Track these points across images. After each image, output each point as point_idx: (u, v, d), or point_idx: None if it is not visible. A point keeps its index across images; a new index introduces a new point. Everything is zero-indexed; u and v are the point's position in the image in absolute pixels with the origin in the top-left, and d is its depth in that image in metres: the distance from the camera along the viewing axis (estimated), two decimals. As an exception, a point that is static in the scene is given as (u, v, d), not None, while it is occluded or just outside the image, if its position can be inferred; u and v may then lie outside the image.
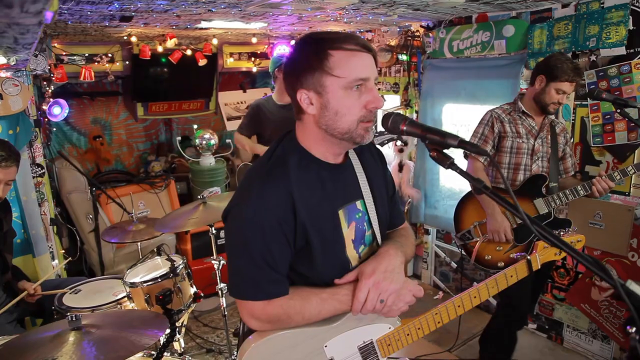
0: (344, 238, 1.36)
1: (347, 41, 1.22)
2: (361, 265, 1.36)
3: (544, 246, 1.71)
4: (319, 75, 1.22)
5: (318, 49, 1.23)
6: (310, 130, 1.31)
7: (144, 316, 2.09)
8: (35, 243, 3.22)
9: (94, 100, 4.89)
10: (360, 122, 1.25)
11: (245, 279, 1.27)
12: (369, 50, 1.24)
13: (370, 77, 1.24)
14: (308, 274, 1.33)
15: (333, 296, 1.32)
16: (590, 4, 2.93)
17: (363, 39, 1.28)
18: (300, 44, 1.29)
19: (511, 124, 2.68)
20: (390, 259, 1.36)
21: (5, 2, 0.81)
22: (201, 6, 2.83)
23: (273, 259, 1.24)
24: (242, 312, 1.31)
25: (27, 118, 3.15)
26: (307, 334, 1.35)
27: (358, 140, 1.27)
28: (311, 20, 3.68)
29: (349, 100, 1.23)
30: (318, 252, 1.29)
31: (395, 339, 1.47)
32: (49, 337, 1.84)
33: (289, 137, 1.36)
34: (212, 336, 3.66)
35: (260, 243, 1.22)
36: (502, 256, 2.60)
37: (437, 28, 3.84)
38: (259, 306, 1.27)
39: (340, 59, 1.22)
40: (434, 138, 1.21)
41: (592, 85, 2.99)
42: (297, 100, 1.28)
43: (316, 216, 1.27)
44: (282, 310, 1.27)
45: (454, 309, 1.52)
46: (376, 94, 1.25)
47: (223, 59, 5.00)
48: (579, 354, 3.27)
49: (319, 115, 1.26)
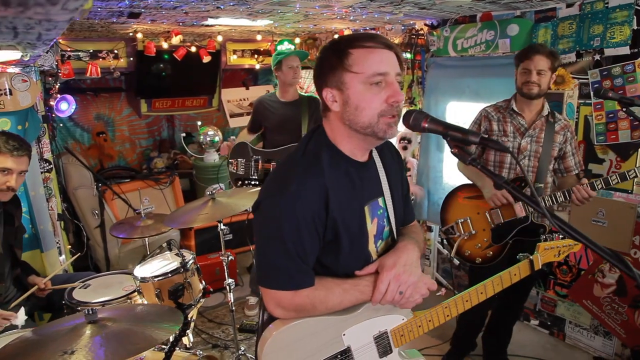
0: (368, 233, 1.41)
1: (366, 40, 1.28)
2: (381, 258, 1.42)
3: (545, 247, 1.79)
4: (339, 73, 1.29)
5: (339, 49, 1.29)
6: (336, 127, 1.37)
7: (158, 310, 2.12)
8: (43, 238, 3.24)
9: (98, 96, 4.90)
10: (381, 117, 1.29)
11: (276, 269, 1.31)
12: (389, 48, 1.29)
13: (389, 72, 1.28)
14: (332, 266, 1.38)
15: (355, 287, 1.38)
16: (595, 3, 2.96)
17: (384, 37, 1.32)
18: (325, 47, 1.36)
19: (500, 122, 2.72)
20: (409, 253, 1.42)
21: None
22: (210, 3, 2.85)
23: (304, 251, 1.29)
24: (268, 301, 1.35)
25: (35, 114, 3.17)
26: (327, 323, 1.39)
27: (381, 135, 1.31)
28: (317, 18, 3.70)
29: (369, 95, 1.27)
30: (345, 246, 1.34)
31: (407, 330, 1.52)
32: (65, 329, 1.86)
33: (318, 133, 1.41)
34: (218, 332, 3.69)
35: (294, 235, 1.26)
36: (480, 252, 2.72)
37: (441, 26, 3.87)
38: (286, 296, 1.31)
39: (359, 56, 1.27)
40: (456, 135, 1.25)
41: (596, 84, 3.03)
42: (322, 98, 1.35)
43: (346, 211, 1.32)
44: (308, 300, 1.32)
45: (462, 303, 1.59)
46: (396, 88, 1.29)
47: (226, 55, 5.02)
48: (580, 349, 3.32)
49: (342, 111, 1.31)
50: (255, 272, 3.98)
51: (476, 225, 2.70)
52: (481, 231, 2.68)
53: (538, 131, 2.68)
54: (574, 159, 2.75)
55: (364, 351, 1.46)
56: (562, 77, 3.16)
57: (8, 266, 2.57)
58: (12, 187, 2.40)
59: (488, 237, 2.66)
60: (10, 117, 3.04)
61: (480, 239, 2.69)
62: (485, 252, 2.68)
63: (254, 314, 3.92)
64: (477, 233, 2.70)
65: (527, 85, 2.57)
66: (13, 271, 2.64)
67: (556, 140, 2.68)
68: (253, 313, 3.92)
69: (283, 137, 3.60)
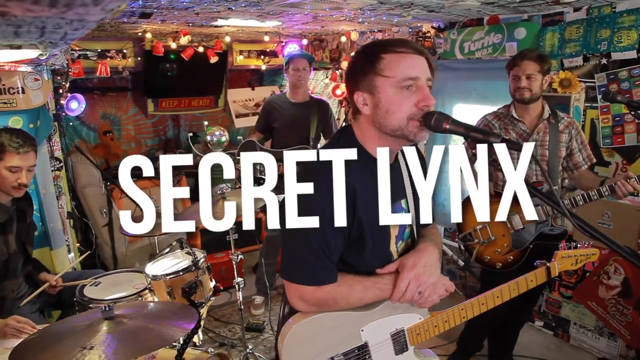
0: (390, 233, 1.45)
1: (398, 45, 1.32)
2: (402, 258, 1.45)
3: (563, 256, 1.82)
4: (371, 77, 1.32)
5: (371, 54, 1.33)
6: (366, 129, 1.40)
7: (172, 308, 2.14)
8: (53, 236, 3.26)
9: (105, 95, 4.92)
10: (410, 120, 1.32)
11: (302, 264, 1.34)
12: (420, 53, 1.32)
13: (420, 77, 1.31)
14: (355, 264, 1.42)
15: (375, 284, 1.41)
16: (602, 8, 3.00)
17: (415, 42, 1.36)
18: (358, 52, 1.40)
19: (501, 130, 2.75)
20: (429, 254, 1.46)
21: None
22: (222, 4, 2.88)
23: (329, 249, 1.33)
24: (292, 295, 1.39)
25: (47, 112, 3.19)
26: (346, 318, 1.42)
27: (411, 137, 1.34)
28: (325, 19, 3.73)
29: (399, 99, 1.30)
30: (369, 245, 1.38)
31: (424, 329, 1.55)
32: (82, 325, 1.88)
33: (347, 133, 1.45)
34: (224, 330, 3.71)
35: (321, 233, 1.29)
36: (500, 258, 2.72)
37: (448, 29, 3.90)
38: (310, 290, 1.35)
39: (391, 61, 1.30)
40: (477, 136, 1.28)
41: (603, 87, 3.06)
42: (354, 101, 1.38)
43: (371, 211, 1.35)
44: (330, 296, 1.36)
45: (479, 306, 1.62)
46: (426, 93, 1.31)
47: (233, 56, 5.04)
48: (585, 351, 3.35)
49: (372, 114, 1.35)
50: (260, 272, 4.01)
51: (495, 231, 2.69)
52: (500, 237, 2.68)
53: (542, 135, 2.70)
54: (582, 155, 2.76)
55: (380, 347, 1.49)
56: (568, 81, 3.20)
57: (20, 263, 2.59)
58: (24, 184, 2.41)
59: (508, 242, 2.66)
60: (22, 116, 3.06)
61: (500, 244, 2.69)
62: (505, 257, 2.68)
63: (260, 313, 3.94)
64: (497, 239, 2.70)
65: (519, 91, 2.63)
66: (25, 268, 2.66)
67: (562, 140, 2.71)
68: (259, 312, 3.95)
69: (291, 138, 3.63)
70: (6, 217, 2.43)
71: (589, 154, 2.78)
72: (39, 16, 1.12)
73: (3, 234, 2.41)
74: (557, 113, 2.75)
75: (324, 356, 1.41)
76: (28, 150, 2.38)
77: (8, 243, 2.43)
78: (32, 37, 1.51)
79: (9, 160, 2.33)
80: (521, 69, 2.60)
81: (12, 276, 2.48)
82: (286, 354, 1.39)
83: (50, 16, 0.98)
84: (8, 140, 2.33)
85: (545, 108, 2.72)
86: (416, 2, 2.89)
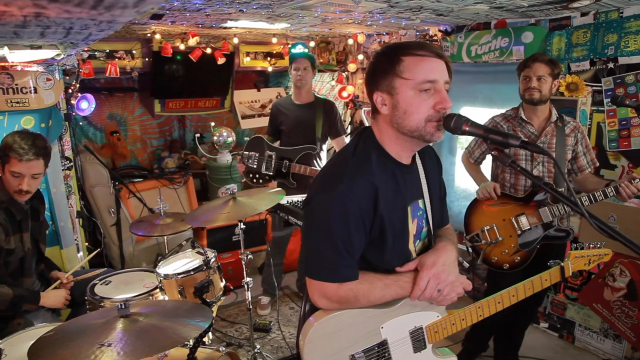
0: (409, 232, 1.47)
1: (418, 48, 1.34)
2: (421, 257, 1.48)
3: (576, 255, 1.85)
4: (391, 78, 1.35)
5: (392, 56, 1.36)
6: (384, 129, 1.43)
7: (186, 306, 2.16)
8: (63, 235, 3.28)
9: (112, 95, 4.94)
10: (428, 122, 1.34)
11: (324, 262, 1.37)
12: (439, 56, 1.35)
13: (438, 80, 1.34)
14: (375, 262, 1.44)
15: (395, 282, 1.44)
16: (609, 13, 3.03)
17: (435, 46, 1.38)
18: (378, 53, 1.42)
19: (510, 131, 2.79)
20: (447, 253, 1.49)
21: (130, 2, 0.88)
22: (234, 6, 2.90)
23: (351, 246, 1.35)
24: (314, 292, 1.41)
25: (58, 112, 3.22)
26: (367, 315, 1.45)
27: (428, 138, 1.37)
28: (334, 22, 3.76)
29: (417, 101, 1.33)
30: (389, 243, 1.40)
31: (442, 327, 1.58)
32: (98, 323, 1.90)
33: (366, 134, 1.48)
34: (231, 330, 3.73)
35: (344, 230, 1.32)
36: (507, 259, 2.74)
37: (455, 33, 3.93)
38: (332, 287, 1.37)
39: (410, 63, 1.33)
40: (496, 138, 1.31)
41: (609, 91, 3.09)
42: (373, 101, 1.41)
43: (391, 210, 1.39)
44: (352, 293, 1.38)
45: (495, 304, 1.65)
46: (444, 96, 1.34)
47: (239, 57, 5.07)
48: (590, 352, 3.37)
49: (391, 114, 1.38)
50: (266, 273, 4.03)
51: (502, 232, 2.72)
52: (508, 237, 2.71)
53: (549, 137, 2.74)
54: (586, 158, 2.81)
55: (399, 345, 1.51)
56: (575, 85, 3.23)
57: (34, 261, 2.61)
58: (24, 190, 2.36)
59: (515, 243, 2.69)
60: (34, 115, 3.09)
61: (507, 245, 2.71)
62: (512, 257, 2.70)
63: (267, 314, 3.96)
64: (504, 240, 2.73)
65: (529, 91, 2.68)
66: (38, 266, 2.68)
67: (568, 144, 2.76)
68: (265, 312, 3.97)
69: (297, 139, 3.66)
70: (22, 215, 2.45)
71: (592, 157, 2.83)
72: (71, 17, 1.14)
73: (19, 232, 2.43)
74: (564, 117, 2.80)
75: (345, 353, 1.43)
76: (32, 158, 2.32)
77: (23, 241, 2.45)
78: (57, 38, 1.54)
79: (13, 164, 2.31)
80: (532, 70, 2.65)
81: (27, 274, 2.51)
82: (308, 351, 1.41)
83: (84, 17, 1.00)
84: (16, 145, 2.29)
85: (552, 111, 2.76)
86: (426, 5, 2.91)
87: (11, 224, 2.37)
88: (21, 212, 2.44)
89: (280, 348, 3.48)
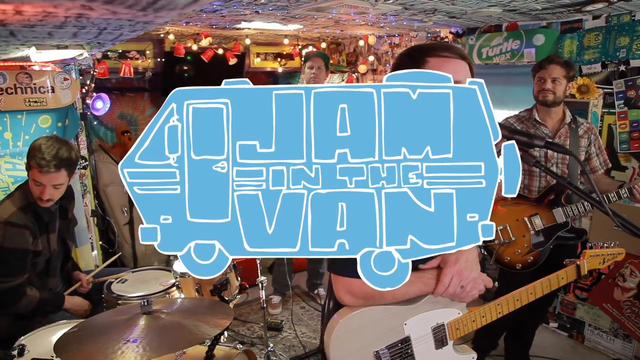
0: None
1: (442, 49, 1.37)
2: (443, 254, 1.49)
3: (591, 254, 1.87)
4: None
5: (417, 57, 1.38)
6: None
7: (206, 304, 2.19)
8: (78, 234, 3.32)
9: (124, 95, 4.98)
10: None
11: (351, 259, 1.39)
12: (463, 58, 1.38)
13: (462, 81, 1.36)
14: None
15: (419, 279, 1.46)
16: (621, 16, 3.06)
17: (459, 48, 1.41)
18: (403, 55, 1.44)
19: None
20: (470, 251, 1.51)
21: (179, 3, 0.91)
22: (250, 7, 2.94)
23: None
24: (339, 288, 1.43)
25: (75, 111, 3.26)
26: (390, 312, 1.47)
27: None
28: (347, 23, 3.80)
29: None
30: None
31: (462, 323, 1.60)
32: (121, 319, 1.94)
33: None
34: (243, 329, 3.76)
35: None
36: (520, 259, 2.77)
37: (466, 35, 3.96)
38: (357, 283, 1.39)
39: (436, 65, 1.35)
40: (521, 139, 1.33)
41: (621, 94, 3.12)
42: None
43: None
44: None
45: (513, 302, 1.68)
46: None
47: (250, 58, 5.11)
48: (599, 352, 3.40)
49: None
50: (277, 272, 4.06)
51: (516, 232, 2.75)
52: (521, 237, 2.74)
53: (563, 138, 2.77)
54: (599, 159, 2.84)
55: (422, 341, 1.54)
56: (587, 87, 3.25)
57: (60, 261, 2.64)
58: (46, 199, 2.36)
59: (528, 243, 2.72)
60: (51, 114, 3.13)
61: (521, 245, 2.74)
62: (525, 257, 2.73)
63: (278, 313, 4.00)
64: (517, 239, 2.75)
65: (542, 93, 2.71)
66: (65, 265, 2.71)
67: (582, 145, 2.78)
68: (277, 312, 4.00)
69: None
70: (50, 217, 2.47)
71: (605, 159, 2.86)
72: (112, 18, 1.17)
73: (46, 234, 2.45)
74: (577, 118, 2.83)
75: (369, 349, 1.46)
76: (52, 171, 2.29)
77: (50, 242, 2.48)
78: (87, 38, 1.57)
79: (34, 173, 2.31)
80: (547, 72, 2.68)
81: (52, 274, 2.54)
82: (333, 348, 1.43)
83: (123, 18, 1.03)
84: (39, 155, 2.27)
85: (566, 113, 2.79)
86: (439, 8, 2.95)
87: (39, 226, 2.39)
88: (49, 214, 2.46)
89: (293, 347, 3.52)
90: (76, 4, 0.99)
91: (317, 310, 4.04)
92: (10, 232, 2.25)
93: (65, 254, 2.68)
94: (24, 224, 2.29)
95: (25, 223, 2.30)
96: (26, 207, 2.35)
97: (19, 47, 1.76)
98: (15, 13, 1.06)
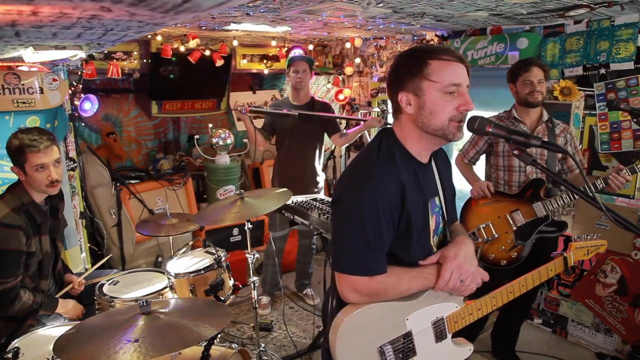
0: (430, 227, 1.56)
1: (444, 53, 1.43)
2: (442, 250, 1.56)
3: (576, 247, 1.96)
4: (418, 80, 1.43)
5: (419, 59, 1.44)
6: (407, 129, 1.51)
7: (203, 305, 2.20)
8: (68, 236, 3.28)
9: (109, 97, 4.92)
10: (451, 121, 1.44)
11: (355, 256, 1.43)
12: (462, 61, 1.44)
13: (462, 84, 1.43)
14: (401, 255, 1.52)
15: (421, 275, 1.52)
16: (601, 21, 3.17)
17: (458, 52, 1.48)
18: (404, 56, 1.50)
19: None
20: (467, 246, 1.58)
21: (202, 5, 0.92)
22: (241, 9, 2.95)
23: (382, 241, 1.43)
24: (344, 286, 1.47)
25: (64, 112, 3.22)
26: (393, 308, 1.52)
27: (450, 137, 1.46)
28: (334, 26, 3.84)
29: (443, 102, 1.42)
30: (414, 238, 1.49)
31: (460, 317, 1.67)
32: (119, 320, 1.94)
33: (388, 134, 1.56)
34: (233, 330, 3.77)
35: (375, 226, 1.40)
36: (504, 255, 2.85)
37: (451, 38, 4.05)
38: (363, 281, 1.44)
39: (437, 67, 1.42)
40: (518, 139, 1.41)
41: (601, 96, 3.23)
42: (397, 101, 1.49)
43: (415, 206, 1.47)
44: (382, 286, 1.46)
45: (507, 294, 1.75)
46: (467, 98, 1.44)
47: (236, 59, 5.11)
48: (582, 346, 3.51)
49: (416, 114, 1.46)
50: (265, 273, 4.08)
51: (498, 229, 2.83)
52: (504, 234, 2.82)
53: (541, 136, 2.88)
54: (575, 158, 2.93)
55: (422, 335, 1.59)
56: (569, 89, 3.36)
57: (52, 263, 2.62)
58: (55, 179, 2.38)
59: (511, 239, 2.80)
60: (40, 115, 3.09)
61: (504, 241, 2.82)
62: (509, 254, 2.81)
63: (267, 313, 4.01)
64: (500, 236, 2.83)
65: (533, 95, 2.81)
66: (56, 267, 2.69)
67: (558, 143, 2.90)
68: (266, 312, 4.02)
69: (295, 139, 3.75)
70: (42, 218, 2.45)
71: (581, 158, 3.02)
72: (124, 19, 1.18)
73: (38, 235, 2.43)
74: (553, 119, 2.97)
75: (373, 345, 1.50)
76: (48, 144, 2.34)
77: (42, 244, 2.46)
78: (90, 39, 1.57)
79: (33, 159, 2.31)
80: (533, 74, 2.79)
81: (44, 276, 2.52)
82: (339, 345, 1.46)
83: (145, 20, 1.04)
84: (26, 141, 2.30)
85: (544, 112, 2.93)
86: (428, 12, 3.01)
87: (32, 227, 2.37)
88: (41, 215, 2.44)
89: (284, 347, 3.54)
90: (96, 6, 1.00)
91: (307, 311, 4.07)
92: (4, 233, 2.22)
93: (56, 255, 2.66)
94: (17, 224, 2.27)
95: (19, 224, 2.28)
96: (19, 208, 2.33)
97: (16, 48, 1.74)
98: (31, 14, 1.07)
